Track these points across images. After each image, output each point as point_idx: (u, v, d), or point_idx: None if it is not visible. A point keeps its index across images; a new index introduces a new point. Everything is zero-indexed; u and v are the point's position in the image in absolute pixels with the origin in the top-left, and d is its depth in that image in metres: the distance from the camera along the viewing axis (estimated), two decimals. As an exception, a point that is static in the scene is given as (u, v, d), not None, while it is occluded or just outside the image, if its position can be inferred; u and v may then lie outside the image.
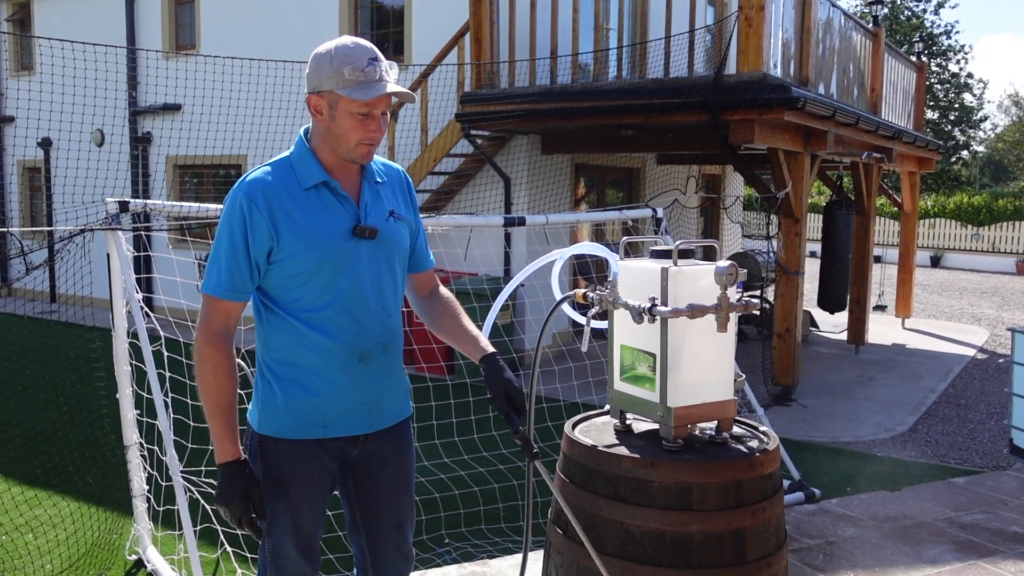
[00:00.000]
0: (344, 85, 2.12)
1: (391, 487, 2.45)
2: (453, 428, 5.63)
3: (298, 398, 2.28)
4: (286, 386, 2.28)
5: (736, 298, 2.13)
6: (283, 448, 2.31)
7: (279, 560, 2.37)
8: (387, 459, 2.43)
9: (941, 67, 32.34)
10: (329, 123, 2.18)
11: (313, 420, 2.29)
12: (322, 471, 2.35)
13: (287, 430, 2.30)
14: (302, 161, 2.25)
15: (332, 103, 2.16)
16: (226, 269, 2.20)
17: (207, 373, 2.21)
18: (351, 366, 2.28)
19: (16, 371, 8.73)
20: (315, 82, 2.17)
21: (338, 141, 2.20)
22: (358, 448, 2.38)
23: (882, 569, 3.92)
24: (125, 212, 3.98)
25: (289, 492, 2.31)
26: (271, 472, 2.32)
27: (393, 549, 2.49)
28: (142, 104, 12.71)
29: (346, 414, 2.31)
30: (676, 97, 7.41)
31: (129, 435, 4.20)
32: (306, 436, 2.30)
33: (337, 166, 2.26)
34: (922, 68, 13.21)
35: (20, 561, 4.30)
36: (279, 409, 2.30)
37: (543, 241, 7.95)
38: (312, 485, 2.34)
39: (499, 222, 5.27)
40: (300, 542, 2.36)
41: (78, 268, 4.61)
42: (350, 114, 2.15)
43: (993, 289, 18.57)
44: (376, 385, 2.34)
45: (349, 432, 2.33)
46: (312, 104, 2.19)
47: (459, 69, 9.01)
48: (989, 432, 7.18)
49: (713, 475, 2.07)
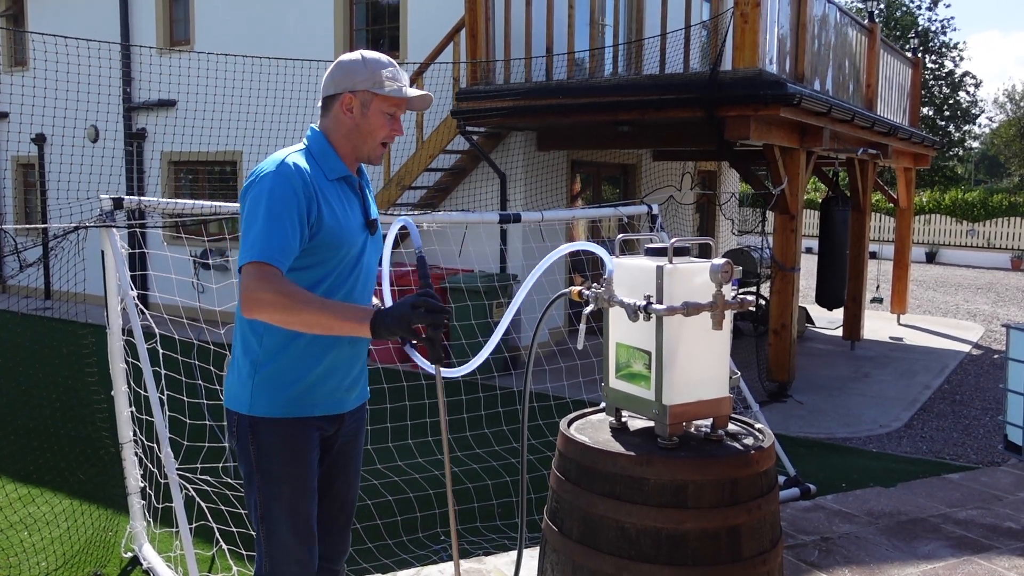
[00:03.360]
0: (380, 86, 2.35)
1: (344, 463, 2.59)
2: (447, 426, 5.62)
3: (293, 376, 2.36)
4: (283, 364, 2.36)
5: (731, 295, 2.14)
6: (278, 429, 2.36)
7: (271, 548, 2.40)
8: (349, 438, 2.58)
9: (936, 63, 32.39)
10: (359, 120, 2.38)
11: (306, 399, 2.39)
12: (312, 453, 2.42)
13: (281, 408, 2.36)
14: (324, 155, 2.39)
15: (365, 102, 2.36)
16: (278, 236, 2.21)
17: (283, 302, 2.17)
18: (343, 346, 2.41)
19: (10, 368, 8.70)
20: (348, 83, 2.36)
21: (364, 138, 2.40)
22: (334, 428, 2.50)
23: (877, 565, 3.93)
24: (120, 209, 3.97)
25: (286, 476, 2.38)
26: (266, 454, 2.37)
27: (336, 528, 2.62)
28: (136, 100, 12.67)
29: (333, 392, 2.44)
30: (672, 93, 7.41)
31: (124, 432, 4.19)
32: (300, 414, 2.38)
33: (351, 163, 2.44)
34: (917, 64, 13.22)
35: (15, 559, 4.29)
36: (274, 389, 2.36)
37: (539, 238, 7.94)
38: (308, 468, 2.41)
39: (495, 219, 5.27)
40: (298, 528, 2.40)
41: (73, 265, 4.60)
42: (382, 113, 2.38)
43: (988, 285, 18.62)
44: (356, 365, 2.49)
45: (336, 410, 2.47)
46: (344, 103, 2.36)
47: (455, 66, 9.00)
48: (984, 428, 7.20)
49: (708, 472, 2.07)
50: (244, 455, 2.40)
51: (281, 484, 2.37)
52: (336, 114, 2.38)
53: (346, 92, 2.36)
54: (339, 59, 2.41)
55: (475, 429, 5.69)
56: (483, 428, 5.70)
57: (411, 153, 9.39)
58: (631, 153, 11.42)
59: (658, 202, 5.90)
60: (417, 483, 5.07)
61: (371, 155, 2.43)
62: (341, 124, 2.39)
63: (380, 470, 5.01)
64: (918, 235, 24.83)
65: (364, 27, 10.89)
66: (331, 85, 2.39)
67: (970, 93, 33.03)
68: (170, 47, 12.31)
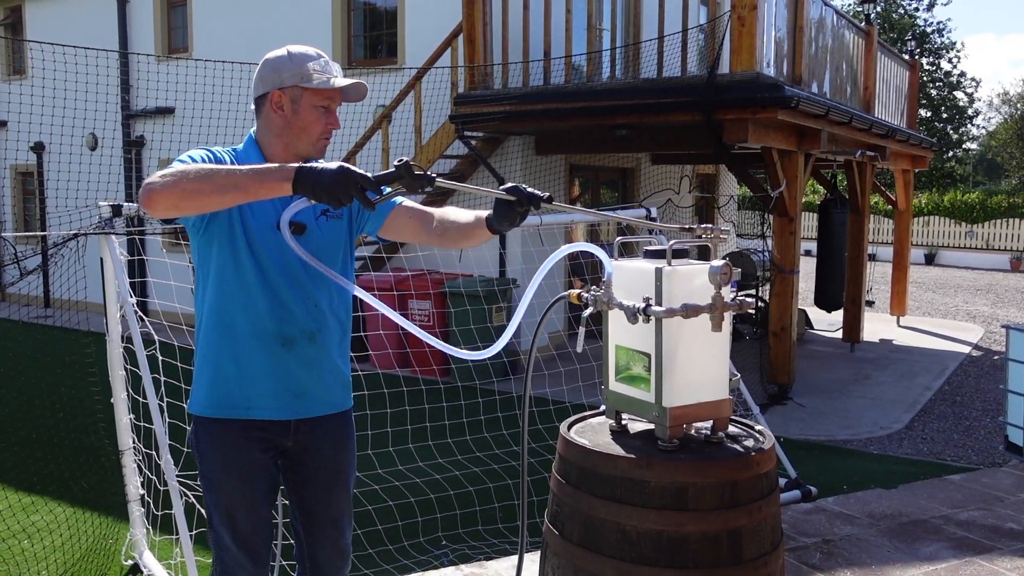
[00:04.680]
0: (308, 80, 2.28)
1: (325, 480, 2.48)
2: (447, 430, 5.63)
3: (225, 373, 2.33)
4: (215, 359, 2.34)
5: (731, 297, 2.14)
6: (213, 429, 2.34)
7: (220, 552, 2.40)
8: (323, 451, 2.46)
9: (934, 65, 32.43)
10: (291, 117, 2.31)
11: (237, 398, 2.33)
12: (252, 462, 2.36)
13: (213, 406, 2.34)
14: (246, 153, 2.35)
15: (295, 98, 2.30)
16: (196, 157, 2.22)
17: (180, 170, 2.01)
18: (274, 349, 2.33)
19: (10, 377, 8.69)
20: (275, 80, 2.30)
21: (299, 135, 2.32)
22: (290, 439, 2.41)
23: (879, 567, 3.93)
24: (119, 216, 3.97)
25: (221, 483, 2.35)
26: (205, 459, 2.37)
27: (329, 544, 2.52)
28: (135, 108, 12.68)
29: (275, 396, 2.35)
30: (670, 97, 7.42)
31: (124, 440, 4.19)
32: (232, 415, 2.34)
33: (280, 163, 2.28)
34: (915, 66, 13.24)
35: (16, 567, 4.28)
36: (207, 385, 2.35)
37: (537, 242, 7.94)
38: (244, 477, 2.36)
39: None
40: (238, 537, 2.37)
41: (72, 272, 4.60)
42: (313, 107, 2.30)
43: (987, 286, 18.62)
44: (311, 372, 2.38)
45: (278, 416, 2.37)
46: (274, 100, 2.30)
47: (452, 70, 9.01)
48: (984, 429, 7.20)
49: (709, 475, 2.07)
50: (195, 459, 2.41)
51: (219, 492, 2.35)
52: (267, 113, 2.33)
53: (274, 89, 2.30)
54: (265, 57, 2.35)
55: (475, 433, 5.69)
56: (483, 432, 5.69)
57: (410, 157, 9.39)
58: (629, 157, 11.43)
59: (657, 205, 5.91)
60: (418, 488, 5.06)
61: (309, 151, 2.33)
62: (272, 123, 2.33)
63: (381, 475, 5.00)
64: (917, 237, 24.82)
65: (362, 33, 10.91)
66: (259, 84, 2.33)
67: (967, 94, 33.09)
68: (168, 55, 12.33)
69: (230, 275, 2.32)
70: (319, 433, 2.45)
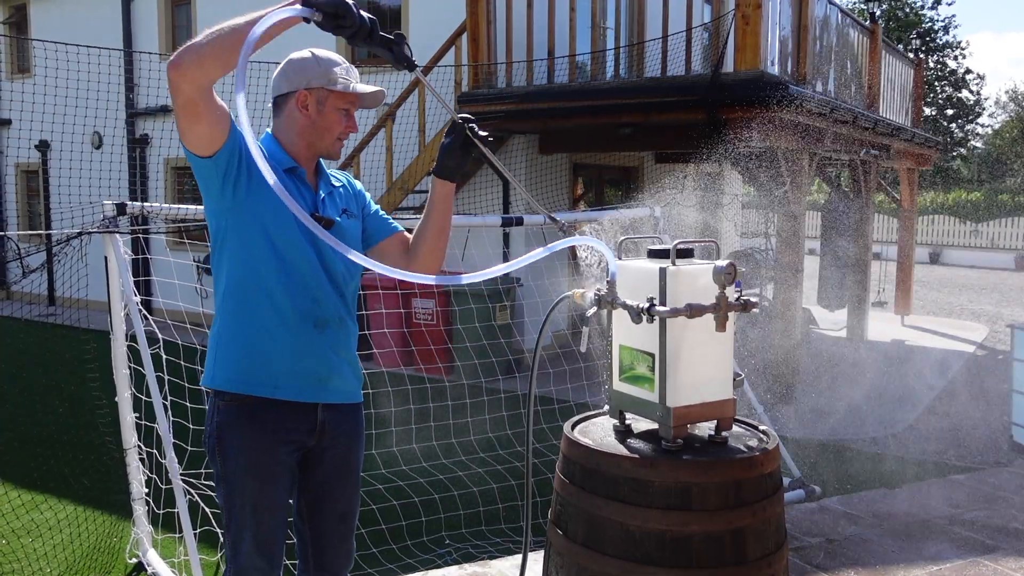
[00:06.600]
0: (334, 83, 2.38)
1: (338, 472, 2.50)
2: (451, 429, 5.63)
3: (253, 347, 2.34)
4: (243, 333, 2.35)
5: (735, 297, 2.13)
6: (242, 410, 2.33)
7: (236, 556, 2.39)
8: (338, 443, 2.48)
9: (939, 63, 32.37)
10: (315, 117, 2.40)
11: (265, 374, 2.34)
12: (278, 464, 2.37)
13: (240, 381, 2.34)
14: (270, 151, 2.39)
15: (321, 99, 2.39)
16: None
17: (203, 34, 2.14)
18: (306, 329, 2.37)
19: (15, 374, 8.71)
20: (303, 80, 2.38)
21: (321, 135, 2.41)
22: (315, 437, 2.42)
23: (883, 567, 3.92)
24: (123, 215, 3.97)
25: (246, 485, 2.34)
26: (227, 463, 2.35)
27: (337, 540, 2.53)
28: (139, 106, 12.69)
29: (301, 376, 2.37)
30: (674, 95, 7.41)
31: (128, 438, 4.19)
32: (259, 392, 2.34)
33: (304, 160, 2.44)
34: (919, 64, 13.22)
35: (19, 565, 4.29)
36: (234, 358, 2.35)
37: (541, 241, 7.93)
38: (269, 479, 2.36)
39: (497, 222, 5.27)
40: (259, 539, 2.36)
41: (76, 271, 4.60)
42: (336, 109, 2.41)
43: (992, 285, 18.57)
44: (334, 354, 2.42)
45: (304, 397, 2.38)
46: (300, 100, 2.39)
47: (456, 69, 9.01)
48: (989, 429, 7.18)
49: (713, 475, 2.07)
50: (214, 459, 2.39)
51: (243, 495, 2.35)
52: (291, 112, 2.41)
53: (301, 89, 2.38)
54: (289, 57, 2.42)
55: (479, 433, 5.68)
56: (487, 432, 5.69)
57: (414, 157, 9.39)
58: (633, 156, 11.42)
59: (661, 204, 5.90)
60: (421, 487, 5.06)
61: (329, 151, 2.45)
62: (296, 122, 2.41)
63: (384, 474, 5.00)
64: (921, 235, 24.77)
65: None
66: (283, 83, 2.41)
67: (973, 91, 33.01)
68: (172, 53, 12.34)
69: (264, 252, 2.32)
70: (336, 428, 2.47)
